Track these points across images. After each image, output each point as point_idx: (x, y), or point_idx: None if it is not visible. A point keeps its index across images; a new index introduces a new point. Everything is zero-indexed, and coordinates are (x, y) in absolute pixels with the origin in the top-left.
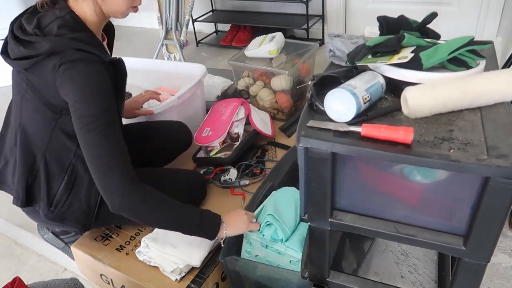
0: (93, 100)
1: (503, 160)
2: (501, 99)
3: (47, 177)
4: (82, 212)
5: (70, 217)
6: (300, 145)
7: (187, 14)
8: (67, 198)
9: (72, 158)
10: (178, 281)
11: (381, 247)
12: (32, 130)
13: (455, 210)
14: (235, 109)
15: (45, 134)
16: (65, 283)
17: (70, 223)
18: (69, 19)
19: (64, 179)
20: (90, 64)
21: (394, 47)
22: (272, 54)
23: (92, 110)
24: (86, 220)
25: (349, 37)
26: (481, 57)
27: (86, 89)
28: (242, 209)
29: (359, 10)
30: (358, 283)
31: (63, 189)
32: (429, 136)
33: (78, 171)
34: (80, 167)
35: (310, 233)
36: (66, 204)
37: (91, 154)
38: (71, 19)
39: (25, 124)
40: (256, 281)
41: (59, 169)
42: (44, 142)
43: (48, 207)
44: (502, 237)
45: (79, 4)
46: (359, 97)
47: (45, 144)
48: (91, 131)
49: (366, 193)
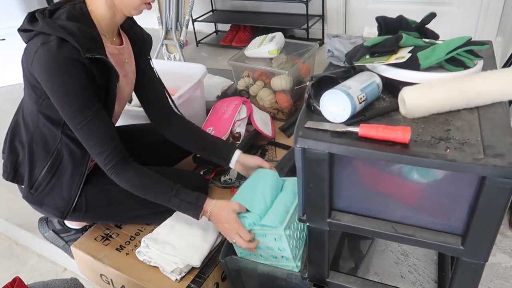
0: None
1: (499, 159)
2: (499, 98)
3: (31, 159)
4: (62, 199)
5: (49, 202)
6: (298, 146)
7: (187, 14)
8: (48, 183)
9: (58, 144)
10: (178, 281)
11: (381, 247)
12: (27, 111)
13: (452, 210)
14: (236, 108)
15: (34, 117)
16: (65, 283)
17: (48, 208)
18: (77, 8)
19: (48, 164)
20: (65, 56)
21: (392, 47)
22: (272, 54)
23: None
24: (65, 208)
25: (347, 38)
26: (479, 57)
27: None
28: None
29: (359, 10)
30: (358, 283)
31: (45, 173)
32: (426, 136)
33: (62, 157)
34: (65, 154)
35: (309, 234)
36: (46, 188)
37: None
38: (79, 9)
39: (23, 105)
40: (256, 281)
41: (44, 153)
42: (33, 124)
43: (29, 189)
44: (502, 237)
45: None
46: (354, 98)
47: (34, 126)
48: (77, 126)
49: (364, 193)
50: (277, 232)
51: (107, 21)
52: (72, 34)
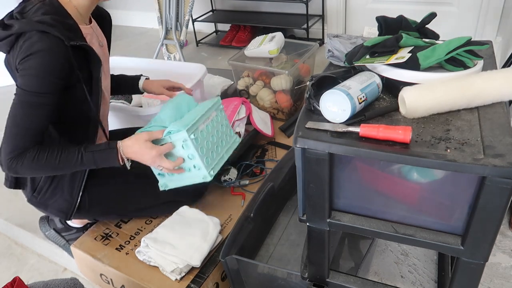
0: (35, 79)
1: (499, 159)
2: (499, 98)
3: None
4: (65, 200)
5: (53, 204)
6: (298, 146)
7: (187, 14)
8: (50, 186)
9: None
10: (178, 281)
11: (381, 247)
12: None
13: (452, 210)
14: (236, 108)
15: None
16: (65, 283)
17: (53, 210)
18: (47, 4)
19: None
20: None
21: (392, 47)
22: (272, 54)
23: (27, 86)
24: (68, 209)
25: (347, 38)
26: (479, 57)
27: (33, 70)
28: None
29: (359, 10)
30: (358, 283)
31: (46, 177)
32: (426, 136)
33: None
34: None
35: (309, 234)
36: (49, 191)
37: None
38: (49, 3)
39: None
40: (256, 280)
41: None
42: None
43: (32, 192)
44: (502, 237)
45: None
46: (354, 98)
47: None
48: (15, 101)
49: (364, 193)
50: (182, 136)
51: (86, 8)
52: (52, 26)
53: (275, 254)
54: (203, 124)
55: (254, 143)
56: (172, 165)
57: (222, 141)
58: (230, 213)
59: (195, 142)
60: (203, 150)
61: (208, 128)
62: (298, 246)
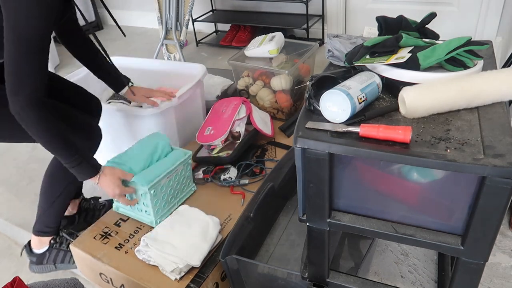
0: (31, 15)
1: (499, 159)
2: (499, 98)
3: None
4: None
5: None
6: (297, 146)
7: (187, 14)
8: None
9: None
10: (178, 280)
11: (381, 247)
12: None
13: (452, 210)
14: (236, 108)
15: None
16: (65, 283)
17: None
18: None
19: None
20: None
21: (392, 47)
22: (272, 54)
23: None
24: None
25: (347, 38)
26: (479, 57)
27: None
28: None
29: (359, 10)
30: (358, 283)
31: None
32: (426, 136)
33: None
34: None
35: (309, 234)
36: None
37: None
38: None
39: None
40: (256, 281)
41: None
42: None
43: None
44: (502, 237)
45: None
46: (354, 98)
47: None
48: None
49: (364, 193)
50: (143, 189)
51: None
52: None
53: (275, 254)
54: (167, 179)
55: (254, 143)
56: (127, 203)
57: (179, 192)
58: (230, 213)
59: (153, 196)
60: (157, 202)
61: (169, 182)
62: (298, 246)
